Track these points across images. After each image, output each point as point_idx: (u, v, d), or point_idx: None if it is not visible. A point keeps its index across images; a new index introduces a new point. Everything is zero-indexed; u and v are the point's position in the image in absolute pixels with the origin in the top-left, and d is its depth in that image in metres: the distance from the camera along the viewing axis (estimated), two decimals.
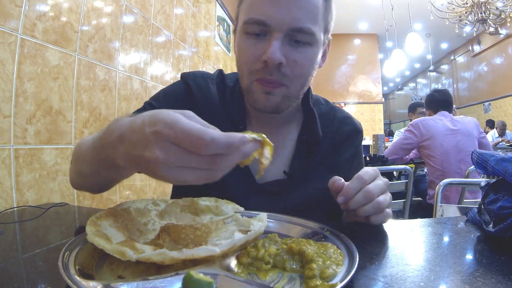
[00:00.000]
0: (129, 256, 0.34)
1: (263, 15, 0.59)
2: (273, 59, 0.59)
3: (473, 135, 2.25)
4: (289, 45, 0.61)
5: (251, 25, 0.61)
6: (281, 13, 0.58)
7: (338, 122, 0.80)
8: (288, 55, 0.60)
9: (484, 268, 0.39)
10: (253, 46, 0.62)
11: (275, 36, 0.59)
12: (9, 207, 0.97)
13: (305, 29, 0.60)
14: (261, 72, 0.62)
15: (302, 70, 0.63)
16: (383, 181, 0.56)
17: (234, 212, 0.53)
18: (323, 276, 0.36)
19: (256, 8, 0.60)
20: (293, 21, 0.59)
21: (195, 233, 0.41)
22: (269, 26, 0.59)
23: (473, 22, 4.73)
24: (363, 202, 0.53)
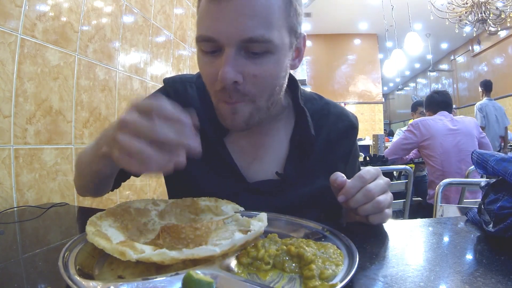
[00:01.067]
0: (129, 256, 0.34)
1: (209, 30, 0.54)
2: (226, 79, 0.53)
3: (473, 135, 2.25)
4: (246, 58, 0.55)
5: (201, 42, 0.56)
6: (228, 26, 0.53)
7: (334, 117, 0.76)
8: (245, 70, 0.55)
9: (484, 268, 0.39)
10: (209, 64, 0.57)
11: (227, 52, 0.54)
12: (9, 207, 0.97)
13: (258, 38, 0.53)
14: (222, 93, 0.57)
15: (264, 83, 0.57)
16: (384, 181, 0.56)
17: (234, 212, 0.53)
18: (322, 277, 0.36)
19: (203, 24, 0.55)
20: (243, 32, 0.53)
21: (195, 233, 0.41)
22: (218, 41, 0.54)
23: (473, 22, 4.73)
24: (363, 201, 0.53)
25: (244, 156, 0.71)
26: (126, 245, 0.36)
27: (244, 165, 0.71)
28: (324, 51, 8.54)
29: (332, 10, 6.97)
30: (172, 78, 0.76)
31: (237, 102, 0.58)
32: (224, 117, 0.61)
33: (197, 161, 0.50)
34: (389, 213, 0.56)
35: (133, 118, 0.40)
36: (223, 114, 0.61)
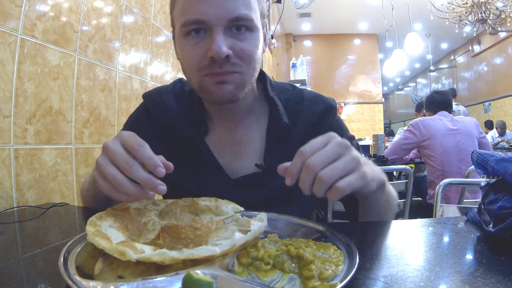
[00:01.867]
0: (129, 256, 0.34)
1: (199, 14, 0.60)
2: (220, 52, 0.59)
3: (473, 135, 2.25)
4: (231, 37, 0.62)
5: (189, 26, 0.61)
6: (217, 7, 0.59)
7: (308, 102, 0.76)
8: (233, 46, 0.61)
9: (484, 268, 0.39)
10: (196, 45, 0.62)
11: (216, 31, 0.60)
12: (9, 207, 0.97)
13: (243, 16, 0.61)
14: (210, 68, 0.62)
15: (250, 55, 0.64)
16: (334, 144, 0.47)
17: (234, 212, 0.53)
18: (322, 277, 0.36)
19: (190, 8, 0.61)
20: (230, 12, 0.60)
21: (195, 233, 0.41)
22: (207, 23, 0.60)
23: (473, 22, 4.73)
24: (309, 180, 0.45)
25: (224, 153, 0.74)
26: (126, 245, 0.36)
27: (226, 162, 0.74)
28: (324, 51, 8.55)
29: (332, 10, 6.97)
30: (149, 93, 0.81)
31: (227, 72, 0.62)
32: (211, 88, 0.64)
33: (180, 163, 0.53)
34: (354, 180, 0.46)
35: (115, 147, 0.48)
36: (209, 87, 0.64)
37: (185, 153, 0.73)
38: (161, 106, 0.76)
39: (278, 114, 0.73)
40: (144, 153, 0.48)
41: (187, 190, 0.68)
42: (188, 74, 0.67)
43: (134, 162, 0.47)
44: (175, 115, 0.75)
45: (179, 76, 0.81)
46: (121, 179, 0.46)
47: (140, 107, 0.83)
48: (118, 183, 0.46)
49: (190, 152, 0.73)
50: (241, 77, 0.64)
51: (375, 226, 0.58)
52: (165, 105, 0.76)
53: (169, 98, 0.77)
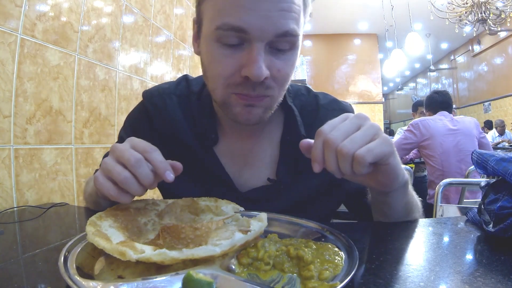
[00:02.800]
0: (129, 256, 0.34)
1: (242, 21, 0.50)
2: (259, 75, 0.51)
3: (473, 135, 2.25)
4: (271, 54, 0.54)
5: (226, 31, 0.51)
6: (264, 18, 0.50)
7: (324, 110, 0.71)
8: (271, 65, 0.53)
9: (484, 268, 0.39)
10: (229, 57, 0.53)
11: (256, 47, 0.51)
12: (9, 207, 0.97)
13: (291, 31, 0.52)
14: (241, 87, 0.54)
15: (286, 78, 0.57)
16: (352, 117, 0.46)
17: (234, 212, 0.53)
18: (321, 278, 0.36)
19: (233, 12, 0.50)
20: (278, 26, 0.51)
21: (195, 233, 0.41)
22: (249, 34, 0.50)
23: (473, 22, 4.73)
24: (332, 156, 0.43)
25: (234, 164, 0.68)
26: (126, 245, 0.36)
27: (235, 173, 0.68)
28: (324, 51, 8.55)
29: (332, 10, 6.97)
30: (150, 92, 0.73)
31: (258, 96, 0.56)
32: (238, 110, 0.57)
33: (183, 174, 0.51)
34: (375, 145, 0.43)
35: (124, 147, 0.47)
36: (235, 107, 0.57)
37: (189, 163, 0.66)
38: (163, 111, 0.69)
39: (295, 125, 0.67)
40: (156, 156, 0.47)
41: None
42: (212, 84, 0.58)
43: (143, 159, 0.46)
44: (179, 123, 0.68)
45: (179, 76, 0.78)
46: (127, 175, 0.45)
47: (139, 106, 0.75)
48: (123, 178, 0.45)
49: (196, 162, 0.67)
50: (271, 100, 0.58)
51: (375, 226, 0.58)
52: (168, 111, 0.69)
53: (172, 102, 0.69)
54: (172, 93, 0.71)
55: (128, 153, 0.46)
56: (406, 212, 0.60)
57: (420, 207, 0.67)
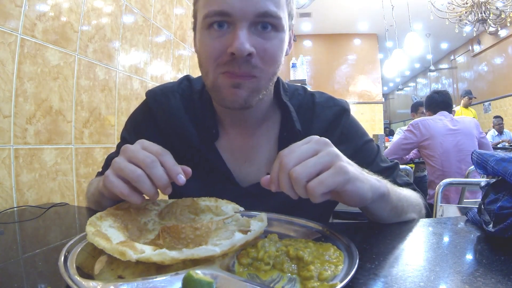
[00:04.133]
0: (129, 256, 0.34)
1: (224, 5, 0.55)
2: (242, 50, 0.54)
3: (473, 135, 2.25)
4: (256, 34, 0.57)
5: (212, 17, 0.57)
6: (244, 1, 0.55)
7: (320, 108, 0.73)
8: (257, 44, 0.57)
9: (484, 268, 0.39)
10: (217, 39, 0.57)
11: (240, 26, 0.55)
12: (9, 207, 0.97)
13: (271, 12, 0.56)
14: (228, 65, 0.57)
15: (272, 58, 0.59)
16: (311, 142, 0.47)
17: (234, 212, 0.53)
18: (321, 278, 0.36)
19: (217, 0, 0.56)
20: (258, 7, 0.55)
21: (195, 233, 0.41)
22: (232, 15, 0.55)
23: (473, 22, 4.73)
24: (284, 178, 0.44)
25: (235, 159, 0.71)
26: (126, 245, 0.36)
27: (236, 168, 0.70)
28: (324, 51, 8.54)
29: (332, 10, 6.97)
30: (154, 91, 0.75)
31: (244, 75, 0.58)
32: (225, 91, 0.60)
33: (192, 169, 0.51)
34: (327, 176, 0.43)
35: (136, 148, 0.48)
36: (223, 89, 0.60)
37: (192, 159, 0.69)
38: (166, 109, 0.71)
39: (291, 121, 0.69)
40: (169, 159, 0.49)
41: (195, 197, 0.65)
42: (205, 69, 0.62)
43: (157, 161, 0.47)
44: (182, 120, 0.70)
45: (179, 76, 0.78)
46: (140, 173, 0.46)
47: (142, 106, 0.77)
48: (136, 176, 0.46)
49: (198, 158, 0.69)
50: (257, 82, 0.60)
51: (375, 226, 0.58)
52: (171, 109, 0.71)
53: (176, 99, 0.72)
54: (175, 91, 0.73)
55: (142, 154, 0.47)
56: (396, 215, 0.60)
57: (418, 205, 0.67)
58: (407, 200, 0.63)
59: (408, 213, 0.63)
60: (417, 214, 0.65)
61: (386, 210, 0.57)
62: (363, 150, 0.74)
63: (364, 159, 0.72)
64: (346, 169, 0.44)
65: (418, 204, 0.68)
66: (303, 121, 0.70)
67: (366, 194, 0.47)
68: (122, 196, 0.47)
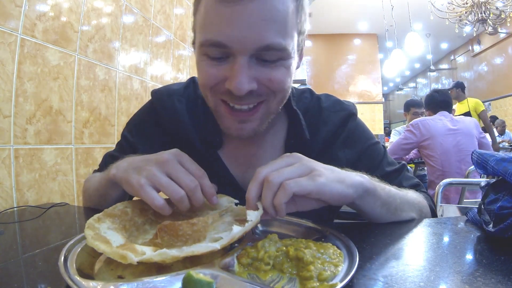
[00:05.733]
0: (131, 259, 0.34)
1: (221, 36, 0.49)
2: (240, 90, 0.50)
3: (473, 135, 2.25)
4: (258, 65, 0.52)
5: (208, 47, 0.52)
6: (243, 32, 0.48)
7: (326, 112, 0.71)
8: (260, 76, 0.52)
9: (484, 268, 0.39)
10: (215, 68, 0.53)
11: (239, 60, 0.50)
12: (9, 207, 0.97)
13: (275, 45, 0.50)
14: (227, 95, 0.54)
15: (280, 86, 0.55)
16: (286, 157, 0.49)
17: (228, 204, 0.53)
18: (320, 278, 0.36)
19: (212, 27, 0.50)
20: (259, 40, 0.49)
21: (193, 229, 0.41)
22: (230, 48, 0.50)
23: (473, 22, 4.73)
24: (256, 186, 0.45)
25: (238, 166, 0.69)
26: (127, 248, 0.36)
27: (239, 175, 0.69)
28: (324, 51, 8.54)
29: (332, 10, 6.98)
30: (159, 92, 0.73)
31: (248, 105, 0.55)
32: (229, 125, 0.58)
33: None
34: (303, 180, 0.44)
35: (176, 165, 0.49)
36: (228, 122, 0.58)
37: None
38: (171, 112, 0.69)
39: (300, 129, 0.67)
40: (207, 182, 0.50)
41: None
42: (203, 92, 0.59)
43: (198, 185, 0.48)
44: (186, 124, 0.68)
45: (179, 76, 0.79)
46: (184, 195, 0.47)
47: (147, 106, 0.76)
48: (179, 198, 0.46)
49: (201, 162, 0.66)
50: (267, 107, 0.57)
51: (375, 226, 0.58)
52: (176, 112, 0.69)
53: (181, 104, 0.69)
54: (181, 96, 0.71)
55: (186, 178, 0.48)
56: (389, 211, 0.58)
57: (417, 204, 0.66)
58: (401, 197, 0.62)
59: (404, 211, 0.62)
60: (416, 213, 0.64)
61: (377, 206, 0.56)
62: (368, 153, 0.73)
63: (369, 162, 0.72)
64: (320, 174, 0.46)
65: (417, 203, 0.66)
66: (310, 127, 0.68)
67: (347, 192, 0.48)
68: (154, 207, 0.47)
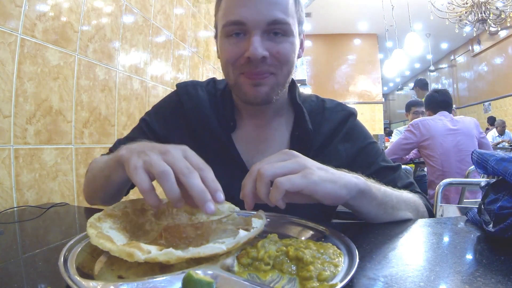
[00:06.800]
0: (138, 257, 0.34)
1: (239, 16, 0.64)
2: (256, 54, 0.63)
3: (473, 135, 2.24)
4: (269, 39, 0.66)
5: (229, 27, 0.66)
6: (256, 11, 0.64)
7: (329, 112, 0.80)
8: (270, 48, 0.65)
9: (484, 268, 0.39)
10: (234, 45, 0.66)
11: (254, 34, 0.64)
12: (9, 207, 0.97)
13: (280, 19, 0.65)
14: (246, 66, 0.66)
15: (286, 58, 0.67)
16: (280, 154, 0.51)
17: (229, 212, 0.53)
18: (320, 278, 0.36)
19: (232, 11, 0.66)
20: (268, 16, 0.64)
21: (196, 232, 0.41)
22: (246, 25, 0.64)
23: (473, 22, 4.73)
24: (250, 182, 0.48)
25: (248, 150, 0.77)
26: (133, 246, 0.36)
27: (249, 159, 0.76)
28: (324, 51, 8.54)
29: (332, 10, 6.98)
30: (185, 83, 0.84)
31: (262, 74, 0.66)
32: (246, 89, 0.68)
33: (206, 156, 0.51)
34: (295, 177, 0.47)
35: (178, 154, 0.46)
36: (244, 86, 0.68)
37: (211, 146, 0.75)
38: (195, 98, 0.79)
39: (304, 120, 0.76)
40: (210, 175, 0.46)
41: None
42: (226, 71, 0.70)
43: (196, 172, 0.44)
44: (206, 109, 0.78)
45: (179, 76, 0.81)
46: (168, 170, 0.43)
47: (171, 96, 0.84)
48: (162, 171, 0.42)
49: (216, 146, 0.76)
50: (276, 78, 0.68)
51: (375, 226, 0.58)
52: (199, 99, 0.79)
53: (203, 93, 0.80)
54: (203, 86, 0.82)
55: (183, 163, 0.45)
56: (385, 212, 0.60)
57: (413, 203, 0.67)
58: (397, 196, 0.63)
59: (401, 211, 0.63)
60: (412, 212, 0.65)
61: (373, 206, 0.57)
62: (366, 150, 0.79)
63: (366, 158, 0.79)
64: (313, 173, 0.48)
65: (413, 202, 0.68)
66: (314, 124, 0.77)
67: (340, 192, 0.50)
68: (140, 190, 0.43)
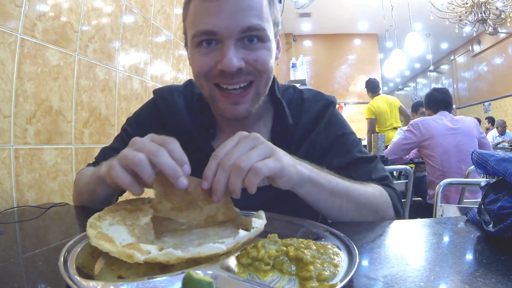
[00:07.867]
0: (137, 258, 0.34)
1: (210, 25, 0.59)
2: (231, 66, 0.59)
3: (473, 135, 2.24)
4: (244, 47, 0.61)
5: (199, 37, 0.61)
6: (228, 19, 0.58)
7: (307, 102, 0.78)
8: (246, 57, 0.61)
9: (484, 268, 0.39)
10: (206, 55, 0.62)
11: (227, 43, 0.59)
12: (9, 207, 0.97)
13: (255, 26, 0.60)
14: (220, 78, 0.62)
15: (264, 66, 0.64)
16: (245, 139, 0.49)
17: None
18: (320, 278, 0.36)
19: (202, 19, 0.60)
20: (242, 23, 0.59)
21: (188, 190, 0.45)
22: (218, 34, 0.59)
23: (473, 22, 4.73)
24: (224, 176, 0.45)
25: None
26: (133, 247, 0.36)
27: None
28: (324, 51, 8.54)
29: (332, 10, 6.97)
30: (161, 89, 0.81)
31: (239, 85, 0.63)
32: (224, 107, 0.65)
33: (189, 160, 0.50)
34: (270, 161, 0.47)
35: (143, 139, 0.47)
36: (222, 105, 0.65)
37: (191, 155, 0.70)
38: (171, 106, 0.77)
39: (284, 116, 0.74)
40: (176, 147, 0.46)
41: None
42: (198, 82, 0.67)
43: (163, 149, 0.45)
44: (184, 118, 0.75)
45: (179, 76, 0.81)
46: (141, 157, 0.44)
47: (149, 102, 0.83)
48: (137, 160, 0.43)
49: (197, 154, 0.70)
50: (256, 88, 0.65)
51: (375, 226, 0.58)
52: (175, 105, 0.76)
53: (180, 99, 0.77)
54: (180, 92, 0.79)
55: (149, 144, 0.46)
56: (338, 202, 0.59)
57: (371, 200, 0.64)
58: (354, 190, 0.62)
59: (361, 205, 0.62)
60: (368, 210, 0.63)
61: (322, 195, 0.57)
62: (342, 139, 0.77)
63: (341, 147, 0.76)
64: (282, 156, 0.50)
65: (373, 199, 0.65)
66: (293, 116, 0.75)
67: (293, 177, 0.51)
68: (123, 186, 0.46)
